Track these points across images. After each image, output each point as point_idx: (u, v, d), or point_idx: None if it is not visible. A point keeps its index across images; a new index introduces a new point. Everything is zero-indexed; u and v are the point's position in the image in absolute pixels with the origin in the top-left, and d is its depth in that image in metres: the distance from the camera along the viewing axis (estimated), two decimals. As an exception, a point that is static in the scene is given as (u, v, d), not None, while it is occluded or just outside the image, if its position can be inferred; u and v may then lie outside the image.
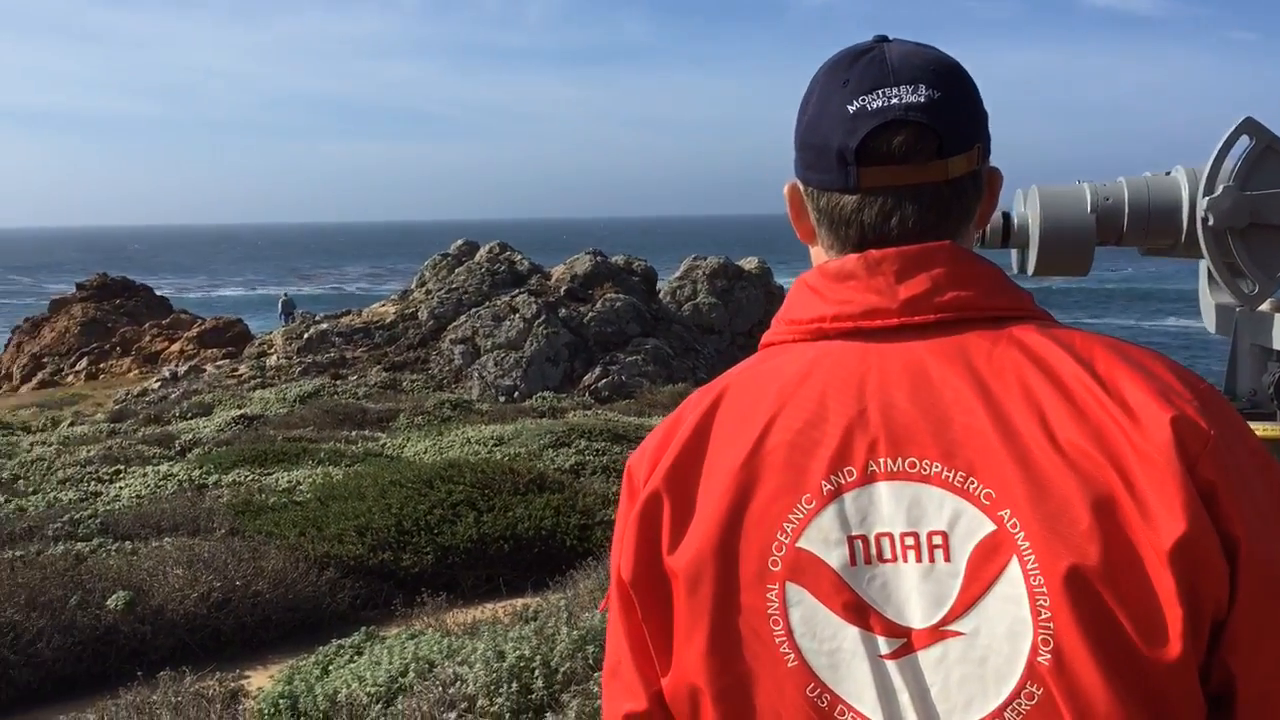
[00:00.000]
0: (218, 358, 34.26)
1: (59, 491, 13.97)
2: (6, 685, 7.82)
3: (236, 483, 13.59)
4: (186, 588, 8.95)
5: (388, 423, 19.40)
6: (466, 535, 10.43)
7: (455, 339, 27.91)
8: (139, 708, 6.23)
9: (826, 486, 1.26)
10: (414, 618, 8.53)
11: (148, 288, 49.29)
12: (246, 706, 6.60)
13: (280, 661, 8.37)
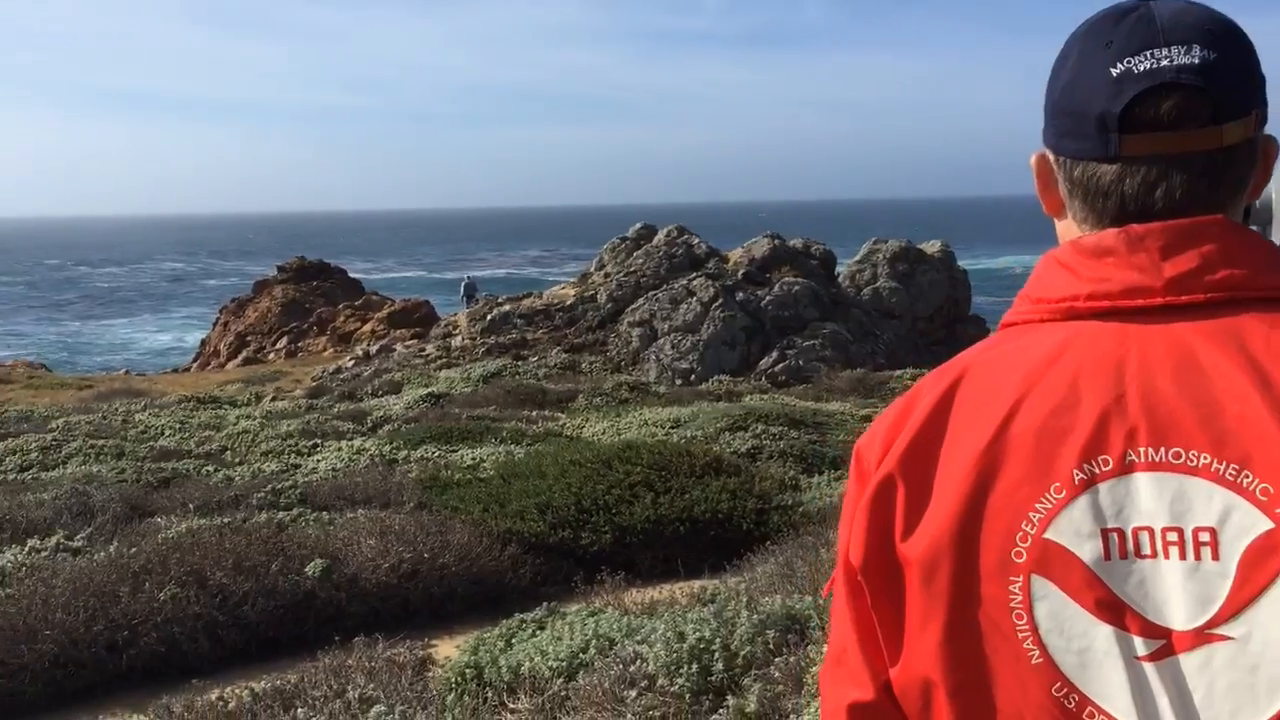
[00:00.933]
0: (406, 338, 35.56)
1: (262, 463, 14.77)
2: (216, 644, 8.32)
3: (424, 458, 14.08)
4: (378, 558, 9.33)
5: (567, 403, 19.76)
6: (644, 516, 10.54)
7: (633, 321, 28.20)
8: (335, 671, 6.53)
9: (1078, 476, 1.19)
10: (593, 595, 8.66)
11: (342, 270, 51.54)
12: (434, 674, 6.84)
13: (465, 633, 8.64)
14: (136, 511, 11.76)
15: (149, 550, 9.16)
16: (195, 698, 6.39)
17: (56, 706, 7.67)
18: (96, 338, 76.80)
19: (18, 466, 15.12)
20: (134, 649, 8.05)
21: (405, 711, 5.08)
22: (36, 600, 8.13)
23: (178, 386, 28.74)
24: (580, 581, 9.28)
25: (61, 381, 33.06)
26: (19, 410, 22.20)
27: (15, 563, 9.49)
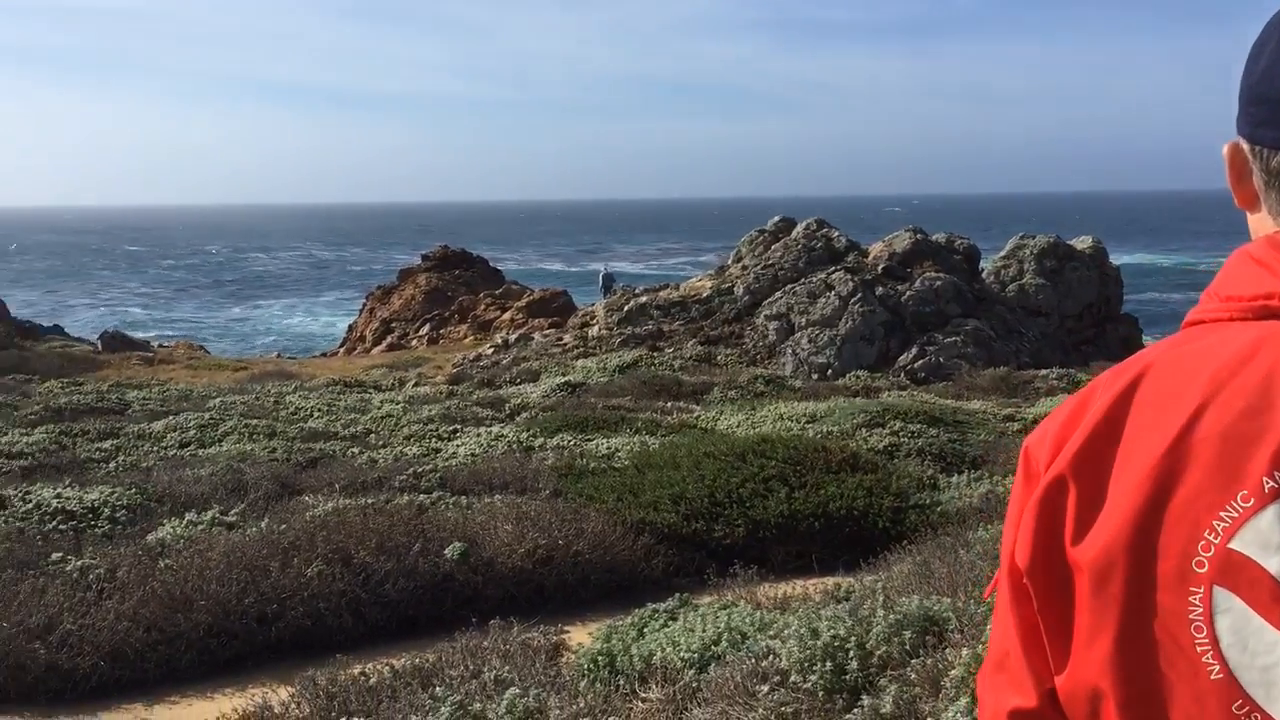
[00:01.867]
0: (544, 327, 36.06)
1: (404, 446, 15.18)
2: (359, 621, 8.59)
3: (560, 446, 14.26)
4: (514, 543, 9.50)
5: (702, 395, 19.76)
6: (778, 510, 10.47)
7: (770, 315, 28.03)
8: (472, 652, 6.66)
9: (1269, 484, 1.12)
10: (725, 588, 8.64)
11: (483, 259, 52.53)
12: (567, 660, 6.92)
13: (597, 620, 8.73)
14: (286, 490, 12.22)
15: (298, 528, 9.51)
16: (339, 672, 6.60)
17: (208, 675, 8.01)
18: (250, 321, 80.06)
19: (178, 443, 15.85)
20: (282, 622, 8.36)
21: (539, 695, 5.15)
22: (193, 571, 8.52)
23: (326, 370, 29.74)
24: (713, 574, 9.27)
25: (219, 363, 34.56)
26: (180, 389, 23.29)
27: (174, 535, 9.96)
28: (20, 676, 7.53)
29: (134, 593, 8.19)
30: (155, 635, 7.92)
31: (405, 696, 5.90)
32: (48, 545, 9.67)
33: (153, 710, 7.50)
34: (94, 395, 21.44)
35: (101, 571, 8.64)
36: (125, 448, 15.43)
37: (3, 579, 8.47)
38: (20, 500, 11.18)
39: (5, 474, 13.44)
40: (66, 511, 10.89)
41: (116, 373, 29.04)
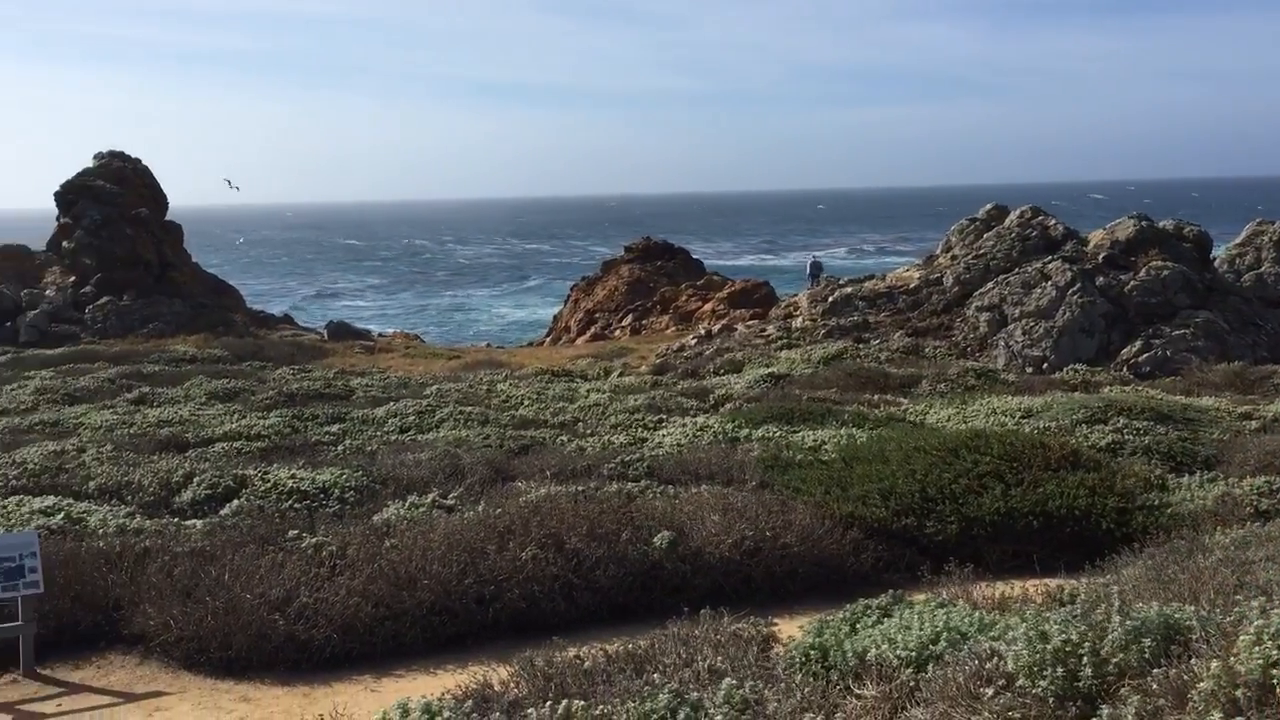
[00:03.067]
0: (746, 318, 35.99)
1: (611, 435, 15.42)
2: (571, 605, 8.78)
3: (765, 438, 14.20)
4: (722, 534, 9.51)
5: (909, 388, 19.32)
6: (993, 508, 10.13)
7: (981, 306, 27.14)
8: (684, 640, 6.70)
9: None
10: (939, 586, 8.41)
11: (685, 251, 52.83)
12: (778, 652, 6.87)
13: (805, 613, 8.64)
14: (500, 475, 12.61)
15: (512, 512, 9.80)
16: (555, 654, 6.74)
17: (431, 651, 8.33)
18: (460, 311, 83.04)
19: (398, 428, 16.58)
20: (499, 603, 8.63)
21: (754, 686, 5.13)
22: (417, 552, 8.89)
23: (533, 360, 30.55)
24: (926, 571, 9.04)
25: (433, 351, 36.01)
26: (398, 377, 24.37)
27: (398, 516, 10.42)
28: (262, 645, 8.02)
29: (363, 570, 8.61)
30: (383, 611, 8.30)
31: (620, 681, 5.98)
32: (284, 522, 10.29)
33: (380, 683, 7.86)
34: (322, 382, 22.67)
35: (333, 549, 9.13)
36: (351, 432, 16.24)
37: (246, 553, 9.05)
38: (260, 480, 11.93)
39: (245, 455, 14.36)
40: (300, 491, 11.55)
41: (341, 360, 30.63)
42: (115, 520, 10.65)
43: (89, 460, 13.81)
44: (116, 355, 29.89)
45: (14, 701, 7.69)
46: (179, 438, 16.00)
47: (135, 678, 8.04)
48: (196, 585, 8.52)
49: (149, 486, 12.11)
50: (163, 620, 8.23)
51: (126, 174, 43.77)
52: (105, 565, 9.02)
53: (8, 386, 24.10)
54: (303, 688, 7.77)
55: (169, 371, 25.71)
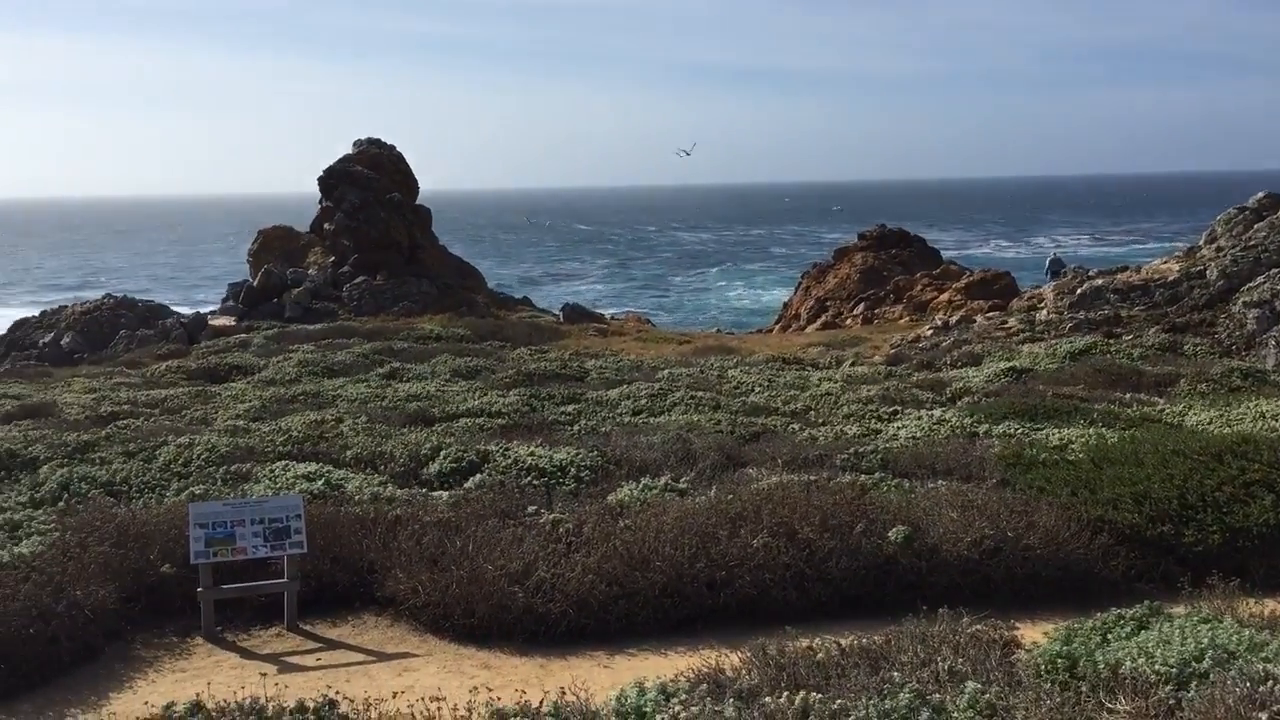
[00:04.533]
0: (985, 309, 34.73)
1: (843, 425, 15.19)
2: (802, 595, 8.70)
3: (1006, 434, 13.67)
4: (960, 531, 9.20)
5: (1166, 387, 18.17)
6: (1262, 519, 9.40)
7: (1250, 302, 25.21)
8: (922, 639, 6.52)
9: None
10: (1198, 599, 7.88)
11: (921, 239, 51.42)
12: (1020, 657, 6.59)
13: (1048, 619, 8.27)
14: (731, 461, 12.63)
15: (744, 499, 9.79)
16: (787, 643, 6.69)
17: (661, 632, 8.44)
18: (689, 296, 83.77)
19: (630, 411, 16.86)
20: (729, 589, 8.65)
21: (1000, 692, 4.94)
22: (650, 533, 9.01)
23: (763, 346, 30.46)
24: (1186, 583, 8.47)
25: (664, 336, 36.45)
26: (631, 360, 24.79)
27: (632, 497, 10.59)
28: (501, 616, 8.32)
29: (598, 548, 8.80)
30: (616, 590, 8.46)
31: (855, 676, 5.88)
32: (524, 498, 10.64)
33: (613, 660, 8.01)
34: (558, 363, 23.33)
35: (570, 526, 9.37)
36: (586, 412, 16.64)
37: (488, 526, 9.41)
38: (501, 455, 12.37)
39: (487, 431, 14.94)
40: (539, 468, 11.92)
41: (575, 342, 31.43)
42: (370, 488, 11.28)
43: (346, 430, 14.69)
44: (370, 332, 31.70)
45: (279, 653, 8.26)
46: (426, 412, 16.80)
47: (386, 638, 8.50)
48: (443, 554, 8.91)
49: (399, 457, 12.76)
50: (412, 585, 8.66)
51: (382, 160, 46.25)
52: (361, 530, 9.56)
53: (274, 359, 25.95)
54: (539, 659, 8.01)
55: (416, 348, 27.05)
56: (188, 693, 6.97)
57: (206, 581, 8.55)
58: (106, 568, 8.63)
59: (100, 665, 7.91)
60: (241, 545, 8.69)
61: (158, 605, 8.77)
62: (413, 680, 7.51)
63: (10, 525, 9.85)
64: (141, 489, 11.83)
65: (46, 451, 13.62)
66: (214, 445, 13.33)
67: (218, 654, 8.25)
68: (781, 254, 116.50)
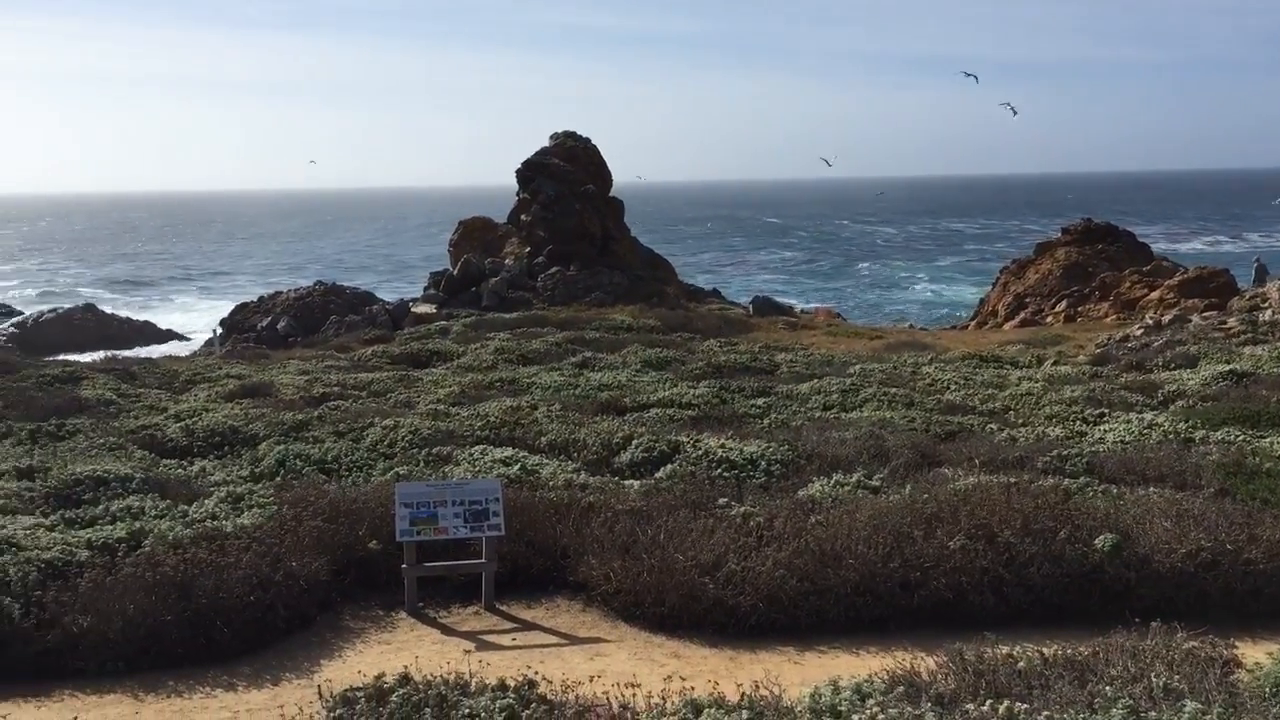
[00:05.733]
0: (1200, 308, 32.85)
1: (1045, 426, 14.63)
2: (1001, 600, 8.42)
3: (1225, 441, 12.89)
4: (1173, 542, 8.72)
5: None
6: None
7: None
8: (1133, 653, 6.21)
9: None
10: None
11: (1130, 234, 49.01)
12: (1241, 678, 6.21)
13: (1271, 639, 7.78)
14: (925, 460, 12.33)
15: (940, 499, 9.55)
16: (985, 649, 6.49)
17: (852, 630, 8.31)
18: (878, 290, 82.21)
19: (821, 405, 16.67)
20: (924, 590, 8.45)
21: (1222, 714, 4.65)
22: (842, 530, 8.89)
23: (959, 343, 29.62)
24: None
25: (855, 330, 35.89)
26: (821, 354, 24.51)
27: (823, 493, 10.48)
28: (692, 606, 8.37)
29: (789, 543, 8.73)
30: (807, 586, 8.38)
31: (1060, 688, 5.66)
32: (714, 490, 10.66)
33: (803, 656, 7.95)
34: (747, 355, 23.28)
35: (761, 519, 9.33)
36: (776, 406, 16.54)
37: (679, 516, 9.47)
38: (691, 447, 12.43)
39: (677, 422, 15.02)
40: (729, 461, 11.92)
41: (765, 335, 31.29)
42: (563, 475, 11.51)
43: (540, 417, 15.03)
44: (563, 321, 32.37)
45: (477, 631, 8.53)
46: (617, 401, 17.03)
47: (578, 622, 8.66)
48: (634, 542, 9.02)
49: (592, 445, 12.98)
50: (604, 572, 8.79)
51: (577, 152, 47.12)
52: (555, 516, 9.77)
53: (472, 346, 26.81)
54: (729, 651, 8.02)
55: (608, 338, 27.46)
56: (393, 664, 7.28)
57: (410, 559, 8.90)
58: (319, 541, 9.09)
59: (312, 634, 8.34)
60: (443, 525, 9.01)
61: (364, 579, 9.18)
62: (604, 665, 7.63)
63: (233, 498, 10.48)
64: (350, 467, 12.41)
65: (265, 429, 14.45)
66: (417, 428, 13.87)
67: (420, 629, 8.58)
68: (974, 249, 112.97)
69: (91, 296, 72.33)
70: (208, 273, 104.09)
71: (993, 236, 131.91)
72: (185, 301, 78.61)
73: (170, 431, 14.63)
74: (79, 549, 8.54)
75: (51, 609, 7.71)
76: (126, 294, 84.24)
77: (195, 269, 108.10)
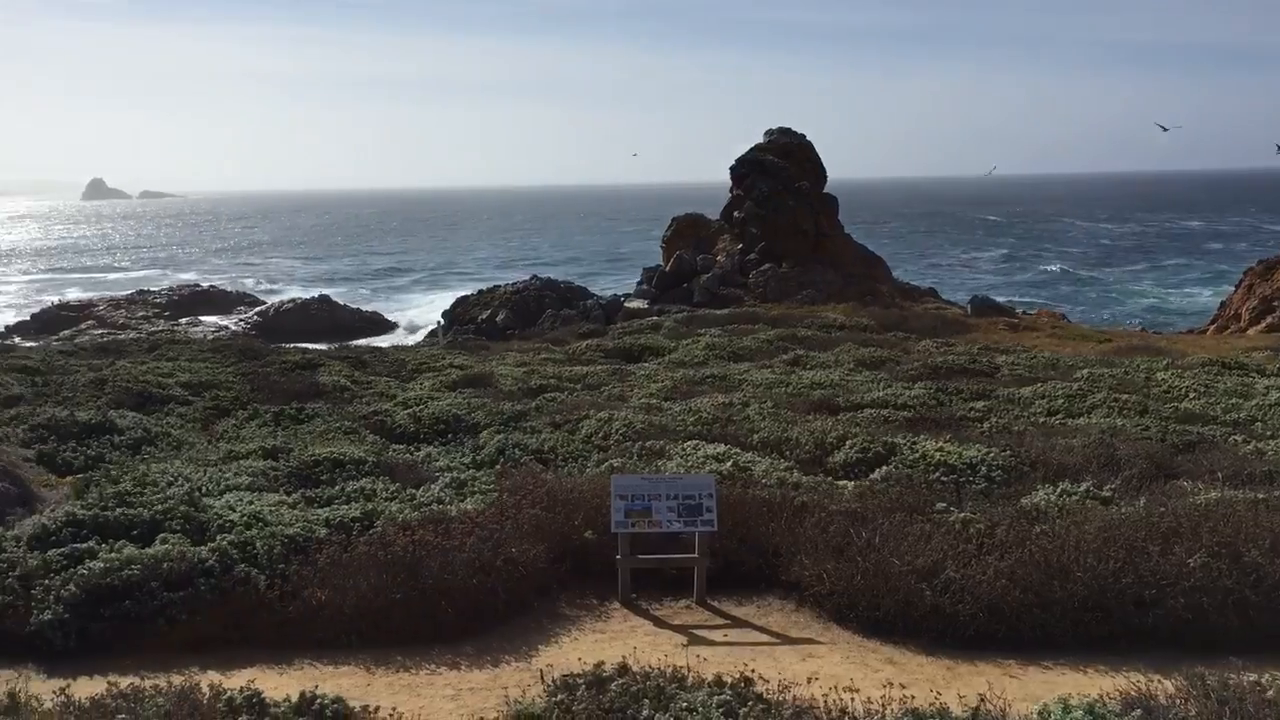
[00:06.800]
0: None
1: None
2: (1246, 624, 7.85)
3: None
4: None
5: None
6: None
7: None
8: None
9: None
10: None
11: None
12: None
13: None
14: (1160, 471, 11.66)
15: (1178, 513, 9.01)
16: (1230, 675, 6.07)
17: (1078, 648, 7.92)
18: (1098, 290, 78.19)
19: (1046, 410, 16.00)
20: (1159, 609, 7.97)
21: None
22: (1069, 541, 8.49)
23: (1197, 348, 27.84)
24: None
25: (1081, 332, 34.27)
26: (1045, 357, 23.51)
27: (1048, 502, 10.04)
28: (908, 612, 8.16)
29: (1012, 553, 8.40)
30: (1031, 598, 8.04)
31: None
32: (931, 494, 10.38)
33: (1025, 671, 7.63)
34: (965, 357, 22.57)
35: (981, 527, 9.02)
36: (996, 409, 15.97)
37: (895, 520, 9.26)
38: (908, 449, 12.15)
39: (892, 423, 14.71)
40: (947, 465, 11.58)
41: (984, 336, 30.28)
42: (776, 473, 11.44)
43: (753, 414, 15.00)
44: (774, 319, 32.23)
45: (689, 625, 8.58)
46: (830, 400, 16.82)
47: (790, 622, 8.59)
48: (848, 544, 8.87)
49: (805, 444, 12.85)
50: (816, 573, 8.69)
51: (792, 149, 46.82)
52: (767, 513, 9.71)
53: (684, 341, 27.02)
54: (946, 660, 7.78)
55: (820, 336, 27.18)
56: (607, 653, 7.41)
57: (625, 550, 9.03)
58: (537, 529, 9.33)
59: (530, 619, 8.57)
60: (657, 518, 9.09)
61: (579, 568, 9.36)
62: (817, 667, 7.53)
63: (457, 483, 10.90)
64: (565, 458, 12.71)
65: (485, 418, 14.96)
66: (630, 421, 14.07)
67: (632, 619, 8.69)
68: (1216, 249, 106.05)
69: (325, 288, 76.73)
70: (431, 267, 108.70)
71: (1227, 235, 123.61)
72: (410, 296, 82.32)
73: (399, 418, 15.34)
74: (318, 526, 9.05)
75: (293, 582, 8.20)
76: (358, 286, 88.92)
77: (420, 263, 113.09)
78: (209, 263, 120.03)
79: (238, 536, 8.67)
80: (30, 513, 10.14)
